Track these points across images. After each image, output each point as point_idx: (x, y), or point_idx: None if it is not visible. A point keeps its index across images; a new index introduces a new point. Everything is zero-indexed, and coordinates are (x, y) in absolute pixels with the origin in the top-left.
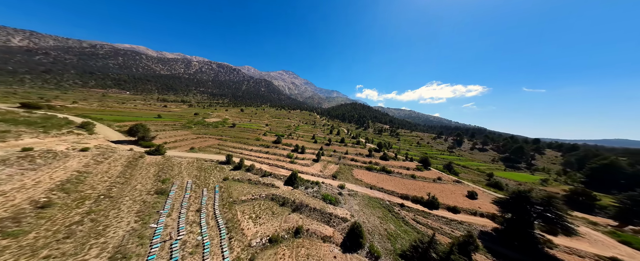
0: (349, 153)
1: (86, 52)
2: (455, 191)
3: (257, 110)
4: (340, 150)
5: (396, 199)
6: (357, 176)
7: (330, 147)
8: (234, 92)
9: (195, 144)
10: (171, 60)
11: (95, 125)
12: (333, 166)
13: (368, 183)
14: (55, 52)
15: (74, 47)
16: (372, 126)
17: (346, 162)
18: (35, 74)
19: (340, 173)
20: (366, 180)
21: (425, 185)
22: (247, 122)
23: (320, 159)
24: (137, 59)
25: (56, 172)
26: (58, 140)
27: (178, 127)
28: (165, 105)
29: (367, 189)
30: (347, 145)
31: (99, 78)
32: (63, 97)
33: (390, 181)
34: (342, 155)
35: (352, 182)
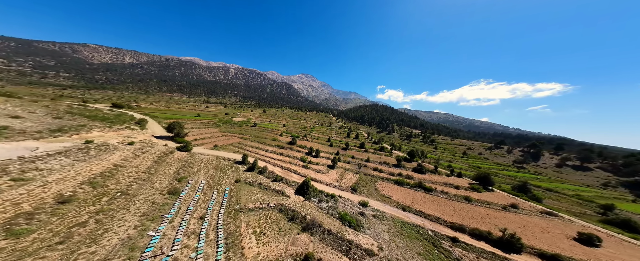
0: (371, 161)
1: (163, 64)
2: (548, 228)
3: (277, 112)
4: (359, 157)
5: (444, 229)
6: (384, 191)
7: (348, 152)
8: (260, 95)
9: (219, 142)
10: (215, 68)
11: (148, 121)
12: (352, 175)
13: (399, 203)
14: (146, 65)
15: (156, 61)
16: (398, 130)
17: (368, 171)
18: (134, 83)
19: (362, 186)
20: (396, 198)
21: (491, 213)
22: (267, 122)
23: (337, 166)
24: (193, 68)
25: (98, 165)
26: (116, 134)
27: (210, 125)
28: (207, 106)
29: (399, 210)
30: (368, 150)
31: (169, 85)
32: (146, 100)
33: (431, 202)
34: (363, 163)
35: (376, 199)
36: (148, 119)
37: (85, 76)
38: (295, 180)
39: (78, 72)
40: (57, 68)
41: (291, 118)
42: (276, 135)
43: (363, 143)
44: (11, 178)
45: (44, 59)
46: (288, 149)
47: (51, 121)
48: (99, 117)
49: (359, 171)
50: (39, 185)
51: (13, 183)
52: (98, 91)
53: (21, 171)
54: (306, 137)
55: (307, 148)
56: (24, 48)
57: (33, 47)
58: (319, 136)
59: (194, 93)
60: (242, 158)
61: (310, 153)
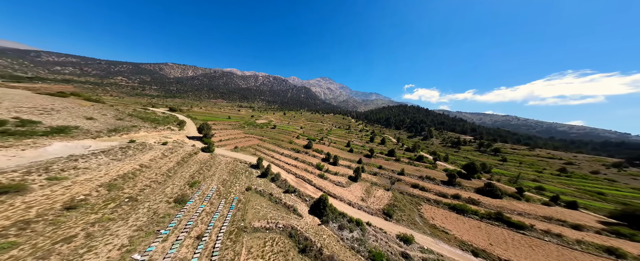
0: (407, 175)
1: (211, 75)
2: None
3: (296, 114)
4: (389, 167)
5: None
6: (434, 220)
7: (373, 160)
8: (282, 99)
9: (240, 143)
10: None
11: (186, 123)
12: (382, 193)
13: (464, 242)
14: (201, 77)
15: (207, 73)
16: (438, 135)
17: (404, 188)
18: (192, 91)
19: (398, 210)
20: (458, 233)
21: None
22: (285, 124)
23: (360, 178)
24: (231, 77)
25: (127, 165)
26: (157, 134)
27: (236, 126)
28: (239, 110)
29: (466, 255)
30: (401, 160)
31: (214, 92)
32: (198, 105)
33: (530, 250)
34: (395, 177)
35: (423, 231)
36: (188, 121)
37: (165, 88)
38: (309, 194)
39: (161, 85)
40: (151, 83)
41: (308, 121)
42: (293, 137)
43: (393, 151)
44: (48, 177)
45: (144, 77)
46: (303, 153)
47: (113, 122)
48: (150, 118)
49: (392, 187)
50: (65, 186)
51: (46, 182)
52: (170, 99)
53: (61, 170)
54: (322, 140)
55: (323, 153)
56: (135, 69)
57: (140, 68)
58: (337, 140)
59: (231, 98)
60: (257, 162)
61: (328, 160)
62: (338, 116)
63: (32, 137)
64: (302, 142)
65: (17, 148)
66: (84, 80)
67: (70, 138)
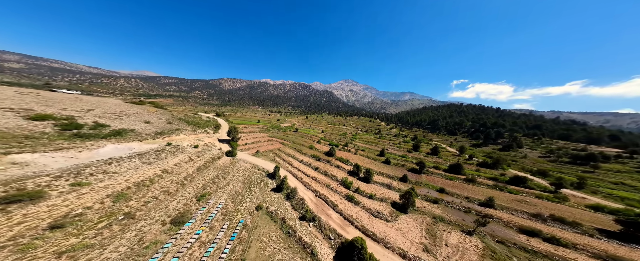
0: (499, 207)
1: (251, 85)
2: None
3: (317, 117)
4: (459, 192)
5: None
6: None
7: (425, 177)
8: (305, 104)
9: (262, 147)
10: (278, 85)
11: (221, 126)
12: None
13: None
14: (244, 88)
15: (248, 84)
16: (532, 145)
17: (505, 233)
18: (238, 100)
19: None
20: None
21: None
22: (307, 128)
23: (413, 206)
24: (265, 87)
25: (152, 170)
26: (194, 137)
27: (263, 129)
28: (269, 114)
29: None
30: (476, 180)
31: (253, 100)
32: (240, 111)
33: None
34: (476, 209)
35: None
36: (224, 125)
37: (221, 98)
38: (334, 227)
39: (219, 96)
40: (214, 95)
41: (330, 124)
42: (313, 142)
43: (458, 165)
44: (72, 183)
45: (210, 90)
46: (325, 162)
47: (164, 125)
48: (194, 122)
49: (479, 230)
50: (79, 194)
51: (68, 188)
52: (223, 106)
53: (90, 174)
54: (347, 146)
55: (350, 163)
56: (205, 85)
57: (208, 84)
58: (365, 146)
59: (264, 105)
60: (274, 171)
61: (356, 174)
62: (363, 118)
63: (95, 140)
64: (324, 147)
65: (77, 149)
66: (178, 95)
67: (122, 140)
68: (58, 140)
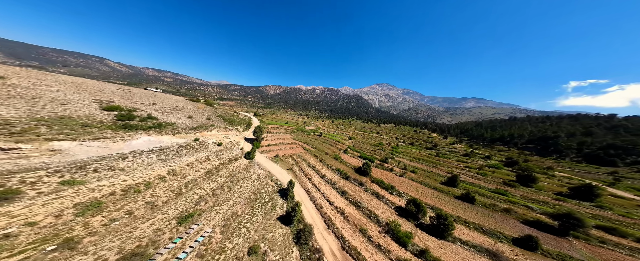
0: None
1: (286, 90)
2: None
3: (344, 122)
4: None
5: None
6: None
7: (580, 245)
8: (332, 108)
9: (283, 151)
10: (308, 90)
11: (252, 125)
12: None
13: None
14: (282, 93)
15: (284, 90)
16: None
17: None
18: (276, 103)
19: None
20: None
21: None
22: (332, 133)
23: None
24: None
25: (159, 170)
26: (223, 133)
27: (288, 131)
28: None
29: None
30: None
31: (287, 104)
32: (276, 113)
33: None
34: None
35: None
36: (256, 123)
37: (265, 101)
38: None
39: (264, 100)
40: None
41: (359, 131)
42: (339, 150)
43: None
44: (62, 181)
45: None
46: (355, 183)
47: (202, 121)
48: (229, 119)
49: None
50: (57, 197)
51: (54, 187)
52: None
53: (94, 170)
54: (387, 163)
55: (398, 193)
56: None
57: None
58: (417, 167)
59: (295, 108)
60: (287, 187)
61: (414, 215)
62: (404, 127)
63: (136, 131)
64: (353, 160)
65: (114, 140)
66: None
67: (158, 133)
68: (106, 129)
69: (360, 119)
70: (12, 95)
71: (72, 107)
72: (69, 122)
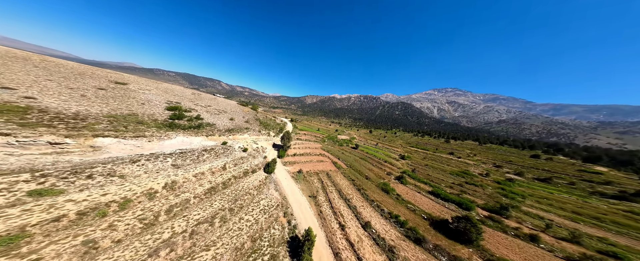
0: None
1: (322, 100)
2: None
3: (387, 133)
4: None
5: None
6: None
7: None
8: (369, 117)
9: (309, 165)
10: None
11: (283, 131)
12: None
13: None
14: (318, 102)
15: (321, 99)
16: None
17: None
18: (312, 111)
19: None
20: None
21: None
22: (372, 145)
23: None
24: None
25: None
26: (254, 137)
27: (318, 139)
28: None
29: None
30: None
31: (321, 112)
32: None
33: None
34: None
35: None
36: (289, 129)
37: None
38: None
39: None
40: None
41: (415, 147)
42: (388, 176)
43: None
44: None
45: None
46: (443, 259)
47: (239, 124)
48: (265, 123)
49: None
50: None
51: (16, 200)
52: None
53: (88, 176)
54: (505, 214)
55: None
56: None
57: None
58: (584, 232)
59: (328, 116)
60: (304, 238)
61: None
62: (503, 148)
63: (175, 130)
64: (421, 199)
65: (151, 139)
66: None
67: (193, 134)
68: (154, 127)
69: (409, 131)
70: (116, 96)
71: (146, 106)
72: (131, 119)
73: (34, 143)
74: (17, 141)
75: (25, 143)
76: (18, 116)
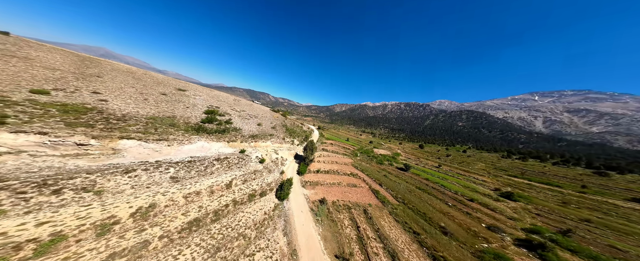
0: None
1: (352, 108)
2: None
3: (451, 151)
4: None
5: None
6: None
7: None
8: (414, 127)
9: (335, 191)
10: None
11: (309, 139)
12: None
13: None
14: (347, 110)
15: (351, 107)
16: None
17: None
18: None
19: None
20: None
21: None
22: (432, 168)
23: None
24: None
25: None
26: (277, 145)
27: (348, 152)
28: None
29: None
30: None
31: (349, 120)
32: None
33: None
34: None
35: None
36: (315, 137)
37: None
38: None
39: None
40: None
41: (522, 179)
42: (482, 222)
43: None
44: None
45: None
46: None
47: (265, 130)
48: (291, 130)
49: None
50: None
51: None
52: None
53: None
54: None
55: None
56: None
57: (328, 109)
58: None
59: (358, 125)
60: None
61: None
62: None
63: (200, 134)
64: None
65: (172, 142)
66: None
67: (216, 139)
68: (182, 130)
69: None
70: (170, 100)
71: (189, 110)
72: (167, 121)
73: (63, 143)
74: (49, 140)
75: (56, 143)
76: (74, 116)
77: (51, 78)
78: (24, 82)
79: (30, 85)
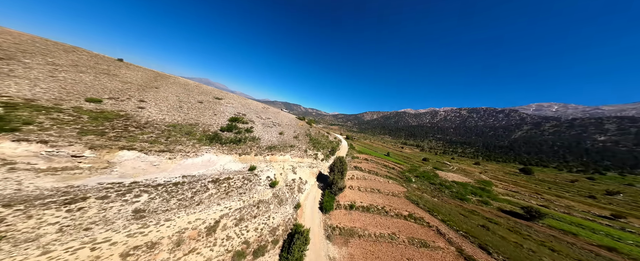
0: None
1: (385, 116)
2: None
3: (613, 183)
4: None
5: None
6: None
7: None
8: (488, 140)
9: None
10: (421, 114)
11: (335, 153)
12: None
13: None
14: (380, 118)
15: (384, 115)
16: None
17: None
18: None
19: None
20: None
21: None
22: (597, 219)
23: None
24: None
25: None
26: (297, 160)
27: (392, 175)
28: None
29: None
30: None
31: (384, 130)
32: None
33: None
34: None
35: None
36: (343, 151)
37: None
38: None
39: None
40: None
41: None
42: None
43: None
44: None
45: (356, 121)
46: None
47: (287, 140)
48: (315, 140)
49: None
50: None
51: None
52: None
53: None
54: None
55: None
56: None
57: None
58: None
59: (396, 135)
60: None
61: None
62: None
63: (214, 144)
64: None
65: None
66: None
67: (227, 151)
68: (195, 140)
69: None
70: (202, 108)
71: (215, 117)
72: (185, 129)
73: (57, 154)
74: (45, 151)
75: (51, 154)
76: (98, 123)
77: (116, 89)
78: (91, 92)
79: (93, 94)
